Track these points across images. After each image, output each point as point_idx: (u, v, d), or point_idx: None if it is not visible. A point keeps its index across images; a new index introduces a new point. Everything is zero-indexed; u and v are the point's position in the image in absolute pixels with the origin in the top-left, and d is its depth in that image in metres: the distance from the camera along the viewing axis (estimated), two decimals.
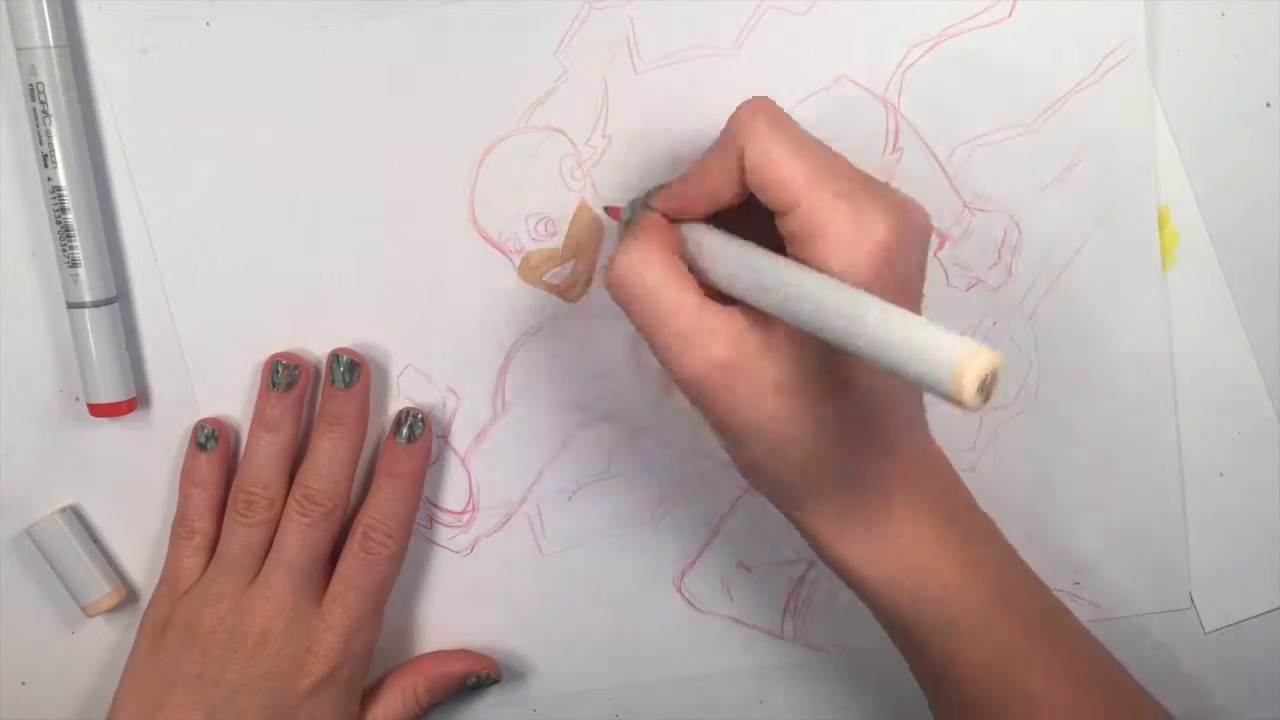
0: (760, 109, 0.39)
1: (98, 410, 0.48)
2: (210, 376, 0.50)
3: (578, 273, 0.49)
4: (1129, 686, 0.44)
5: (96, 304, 0.48)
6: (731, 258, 0.39)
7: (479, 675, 0.51)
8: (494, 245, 0.48)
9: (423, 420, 0.49)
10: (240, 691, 0.47)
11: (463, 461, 0.50)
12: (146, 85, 0.47)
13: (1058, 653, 0.42)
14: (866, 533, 0.41)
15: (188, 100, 0.47)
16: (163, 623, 0.49)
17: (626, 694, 0.53)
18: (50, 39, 0.46)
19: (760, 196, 0.39)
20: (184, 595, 0.49)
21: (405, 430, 0.49)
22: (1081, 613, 0.44)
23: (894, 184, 0.39)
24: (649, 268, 0.39)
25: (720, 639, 0.52)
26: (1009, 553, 0.43)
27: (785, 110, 0.39)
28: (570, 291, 0.49)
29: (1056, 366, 0.48)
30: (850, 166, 0.40)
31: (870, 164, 0.46)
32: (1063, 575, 0.50)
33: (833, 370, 0.38)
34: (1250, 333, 0.48)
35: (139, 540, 0.51)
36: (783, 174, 0.38)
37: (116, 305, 0.48)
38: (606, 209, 0.47)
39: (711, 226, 0.41)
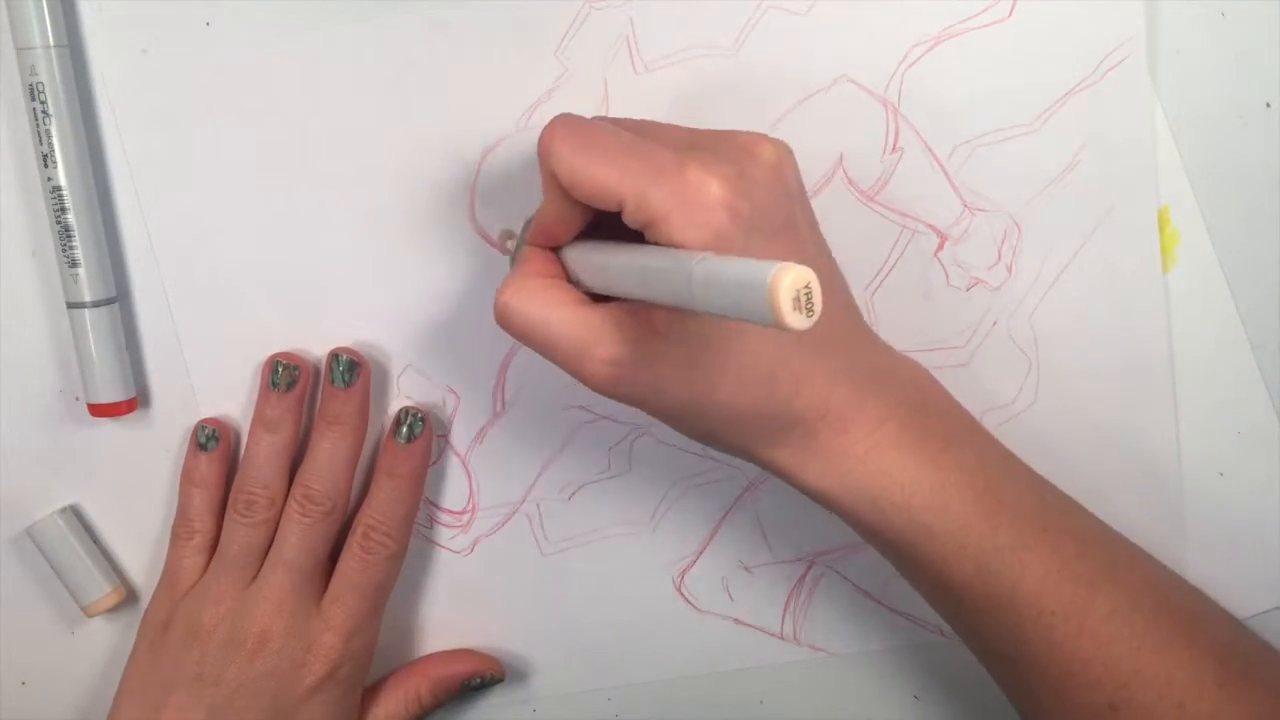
0: (555, 130, 0.39)
1: (98, 410, 0.48)
2: (210, 376, 0.50)
3: None
4: (1151, 573, 0.43)
5: (96, 304, 0.48)
6: (589, 262, 0.40)
7: (482, 675, 0.51)
8: (494, 245, 0.48)
9: (422, 420, 0.49)
10: (240, 691, 0.47)
11: (463, 461, 0.50)
12: (146, 85, 0.47)
13: (1059, 552, 0.41)
14: (825, 453, 0.41)
15: (188, 100, 0.47)
16: (163, 623, 0.49)
17: (626, 694, 0.53)
18: (50, 39, 0.46)
19: (593, 205, 0.39)
20: (184, 596, 0.49)
21: (405, 430, 0.49)
22: None
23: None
24: (525, 299, 0.40)
25: (720, 639, 0.52)
26: (994, 453, 0.43)
27: (588, 116, 0.41)
28: None
29: (1056, 366, 0.48)
30: (670, 136, 0.40)
31: (870, 164, 0.47)
32: None
33: (730, 333, 0.39)
34: (1250, 333, 0.48)
35: (139, 540, 0.51)
36: (594, 180, 0.38)
37: (116, 305, 0.48)
38: (498, 235, 0.48)
39: (584, 240, 0.42)
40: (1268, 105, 0.46)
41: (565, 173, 0.39)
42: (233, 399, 0.50)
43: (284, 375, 0.48)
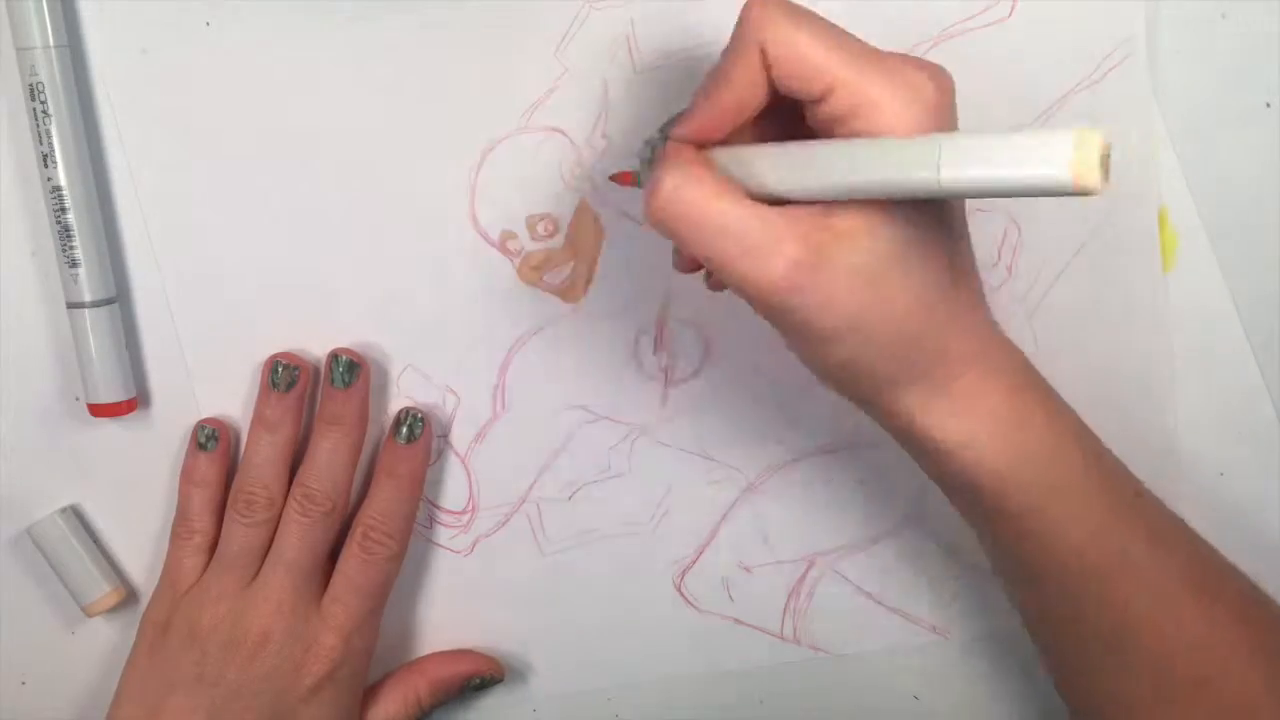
0: (765, 1, 0.37)
1: (98, 410, 0.48)
2: (210, 376, 0.50)
3: (577, 273, 0.49)
4: (1217, 557, 0.43)
5: (96, 304, 0.48)
6: (779, 159, 0.38)
7: (482, 676, 0.51)
8: (494, 245, 0.48)
9: (422, 420, 0.49)
10: (240, 692, 0.47)
11: (463, 461, 0.50)
12: (146, 85, 0.47)
13: (1151, 524, 0.41)
14: (957, 398, 0.39)
15: (188, 100, 0.47)
16: (163, 623, 0.49)
17: (626, 694, 0.53)
18: (50, 39, 0.46)
19: (791, 89, 0.37)
20: (184, 596, 0.49)
21: (405, 430, 0.49)
22: None
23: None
24: (695, 186, 0.37)
25: (720, 639, 0.52)
26: (1089, 429, 0.43)
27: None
28: (570, 292, 0.49)
29: (1056, 366, 0.48)
30: (873, 46, 0.38)
31: None
32: None
33: (908, 247, 0.37)
34: (1250, 333, 0.48)
35: (139, 540, 0.51)
36: (814, 58, 0.36)
37: (116, 305, 0.48)
38: (613, 177, 0.45)
39: (741, 144, 0.39)
40: (1268, 105, 0.46)
41: (780, 43, 0.36)
42: (233, 399, 0.50)
43: (284, 375, 0.48)
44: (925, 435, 0.40)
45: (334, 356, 0.48)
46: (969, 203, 0.47)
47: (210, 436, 0.49)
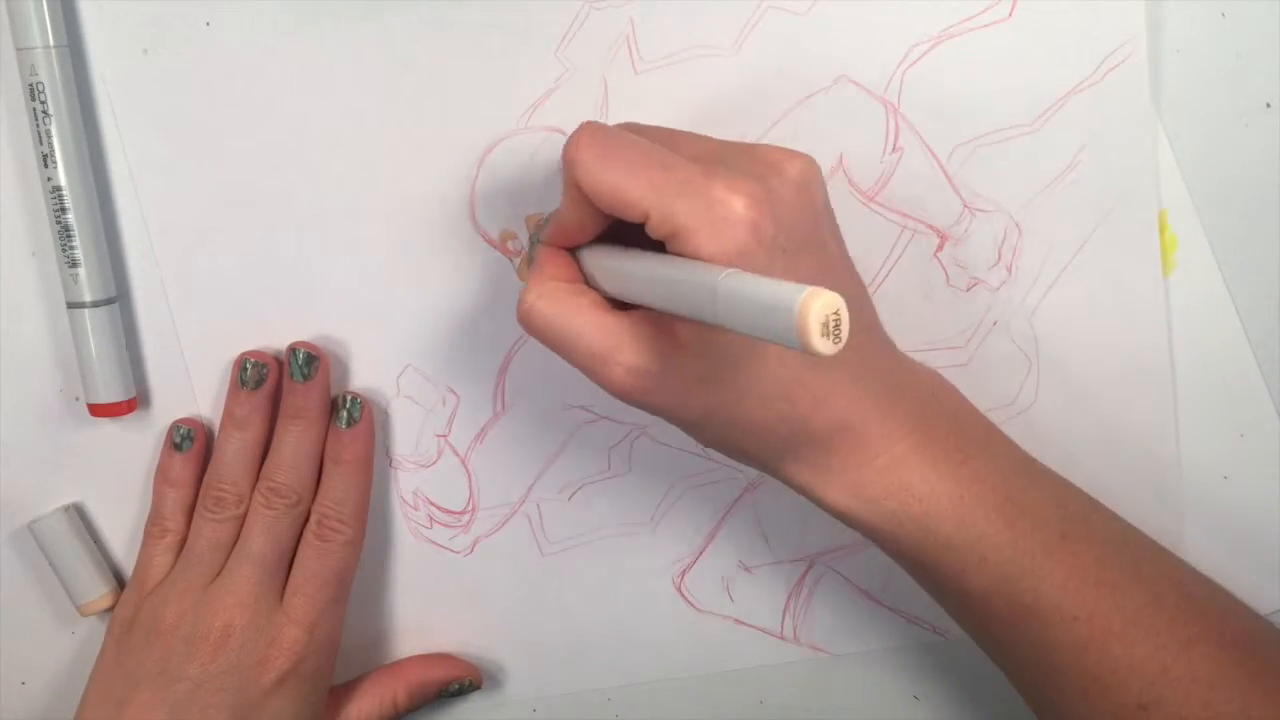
0: (580, 139, 0.39)
1: (98, 410, 0.48)
2: (210, 376, 0.50)
3: None
4: (1174, 571, 0.43)
5: (96, 304, 0.48)
6: (609, 268, 0.41)
7: (460, 682, 0.51)
8: (494, 245, 0.48)
9: (361, 403, 0.49)
10: (204, 687, 0.47)
11: (463, 461, 0.50)
12: (147, 85, 0.47)
13: (1079, 558, 0.41)
14: (843, 468, 0.41)
15: (188, 100, 0.47)
16: (129, 620, 0.49)
17: (626, 694, 0.53)
18: (50, 39, 0.46)
19: (615, 215, 0.39)
20: (150, 593, 0.49)
21: (344, 414, 0.49)
22: None
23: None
24: (547, 301, 0.41)
25: (720, 639, 0.52)
26: (1012, 458, 0.43)
27: (621, 125, 0.41)
28: None
29: (1056, 366, 0.48)
30: (698, 149, 0.40)
31: (870, 164, 0.47)
32: None
33: (754, 347, 0.39)
34: (1250, 334, 0.48)
35: (135, 542, 0.51)
36: (619, 193, 0.38)
37: (116, 305, 0.48)
38: (529, 217, 0.48)
39: (602, 244, 0.42)
40: (1268, 105, 0.46)
41: (590, 183, 0.39)
42: None
43: (253, 373, 0.48)
44: (823, 505, 0.42)
45: (292, 351, 0.48)
46: (969, 203, 0.47)
47: (185, 437, 0.49)
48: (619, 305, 0.41)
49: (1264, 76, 0.46)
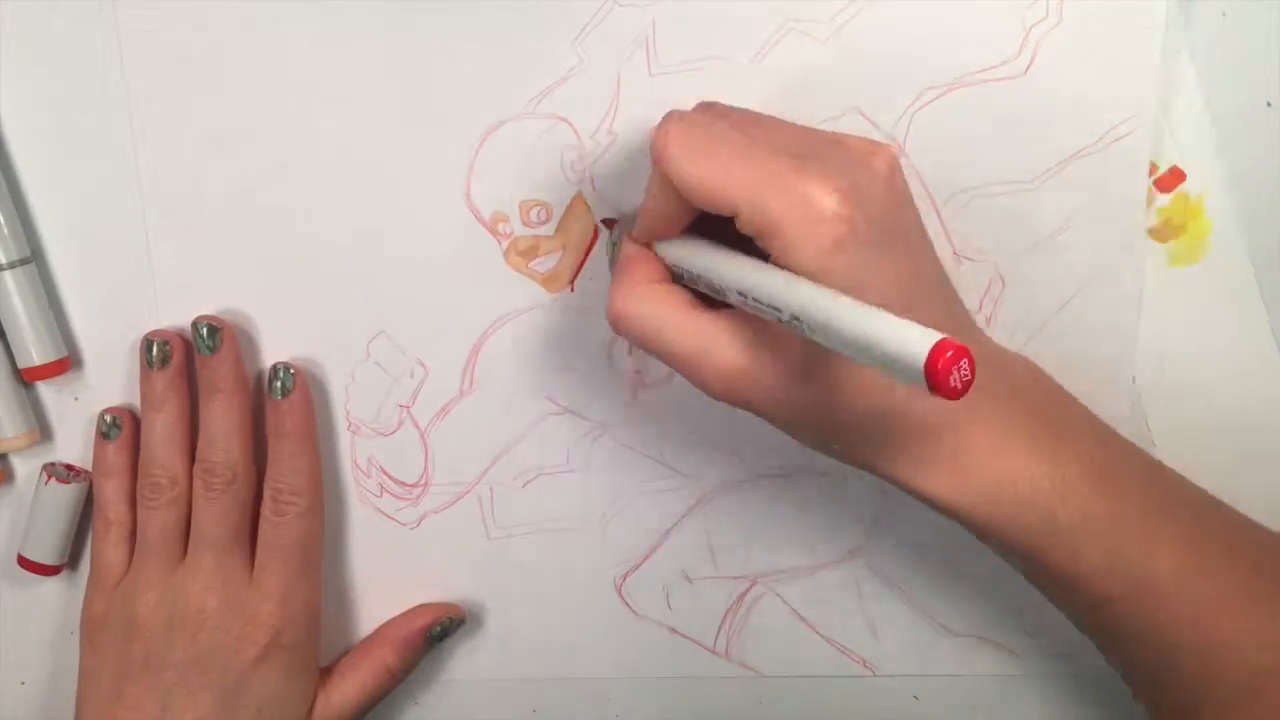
0: (669, 132, 0.39)
1: (31, 374, 0.49)
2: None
3: (564, 265, 0.48)
4: (1266, 539, 0.43)
5: (13, 265, 0.47)
6: (702, 268, 0.40)
7: (441, 623, 0.51)
8: (484, 225, 0.48)
9: (294, 372, 0.48)
10: (189, 670, 0.47)
11: (421, 435, 0.50)
12: (145, 58, 0.47)
13: (1179, 527, 0.41)
14: (943, 459, 0.40)
15: (197, 46, 0.47)
16: (100, 620, 0.48)
17: (623, 688, 0.53)
18: None
19: (706, 209, 0.39)
20: (115, 589, 0.49)
21: (278, 385, 0.48)
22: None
23: None
24: (638, 302, 0.41)
25: (653, 646, 0.52)
26: (1104, 436, 0.43)
27: (703, 107, 0.41)
28: (554, 282, 0.49)
29: None
30: (785, 140, 0.40)
31: None
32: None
33: None
34: (1276, 325, 0.48)
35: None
36: (711, 188, 0.38)
37: (34, 265, 0.48)
38: (604, 220, 0.48)
39: (688, 238, 0.42)
40: (1268, 105, 0.46)
41: (681, 177, 0.38)
42: None
43: (158, 352, 0.48)
44: (926, 495, 0.41)
45: (194, 325, 0.48)
46: (958, 250, 0.47)
47: (112, 425, 0.49)
48: (707, 300, 0.41)
49: (1264, 76, 0.46)
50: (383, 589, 0.52)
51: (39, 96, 0.47)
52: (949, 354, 0.31)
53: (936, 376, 0.31)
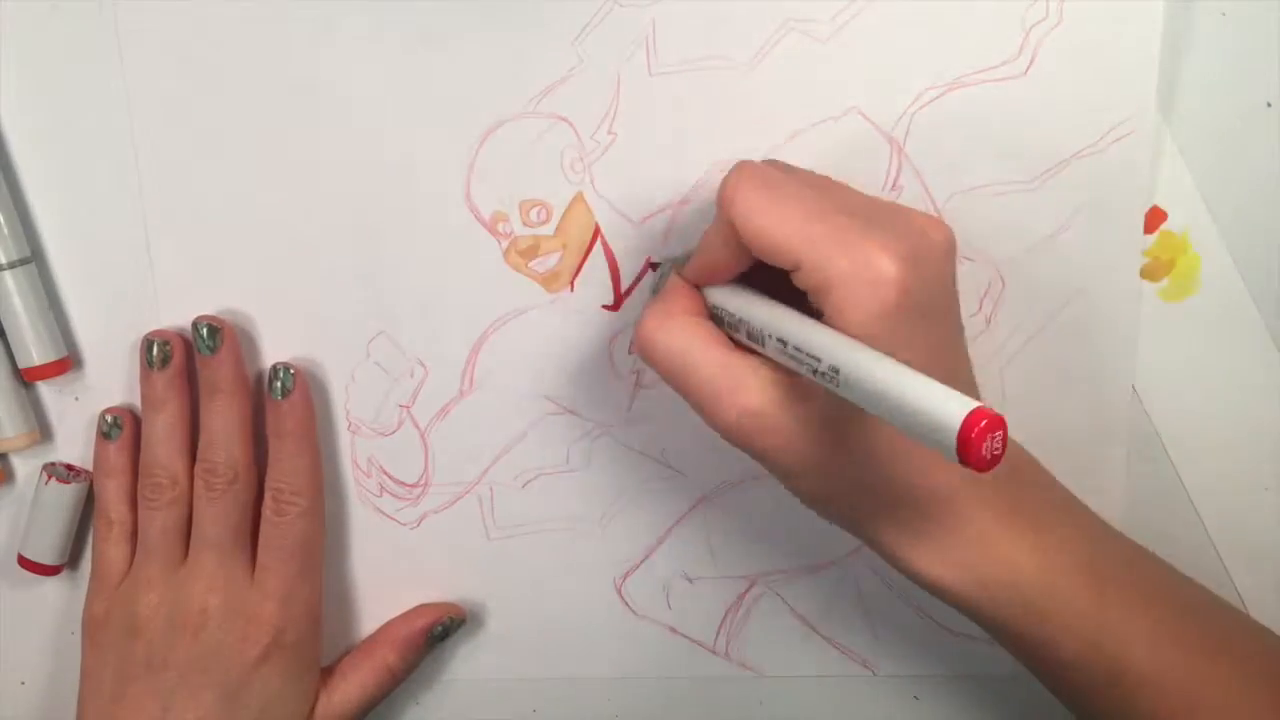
0: (741, 178, 0.40)
1: (31, 374, 0.49)
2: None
3: (563, 265, 0.48)
4: (1262, 639, 0.43)
5: (13, 265, 0.47)
6: (745, 314, 0.41)
7: (442, 623, 0.51)
8: (484, 225, 0.48)
9: (293, 372, 0.48)
10: (190, 671, 0.47)
11: (422, 434, 0.50)
12: (150, 50, 0.47)
13: (1162, 620, 0.41)
14: (932, 536, 0.40)
15: (194, 48, 0.47)
16: (101, 619, 0.49)
17: (623, 688, 0.53)
18: None
19: (764, 259, 0.39)
20: (116, 589, 0.49)
21: (278, 385, 0.48)
22: None
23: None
24: (670, 330, 0.41)
25: (653, 645, 0.52)
26: (1094, 526, 0.43)
27: (771, 163, 0.41)
28: (553, 282, 0.49)
29: (1022, 423, 0.49)
30: (850, 203, 0.40)
31: None
32: None
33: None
34: (1276, 333, 0.48)
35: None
36: (775, 240, 0.39)
37: (34, 265, 0.48)
38: (649, 261, 0.48)
39: (734, 285, 0.42)
40: (1268, 105, 0.46)
41: (747, 227, 0.39)
42: None
43: (158, 353, 0.48)
44: (912, 571, 0.41)
45: (195, 325, 0.48)
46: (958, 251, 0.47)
47: (113, 425, 0.49)
48: (738, 344, 0.41)
49: (1264, 76, 0.46)
50: (383, 589, 0.52)
51: (39, 96, 0.47)
52: (983, 423, 0.32)
53: (969, 445, 0.32)
